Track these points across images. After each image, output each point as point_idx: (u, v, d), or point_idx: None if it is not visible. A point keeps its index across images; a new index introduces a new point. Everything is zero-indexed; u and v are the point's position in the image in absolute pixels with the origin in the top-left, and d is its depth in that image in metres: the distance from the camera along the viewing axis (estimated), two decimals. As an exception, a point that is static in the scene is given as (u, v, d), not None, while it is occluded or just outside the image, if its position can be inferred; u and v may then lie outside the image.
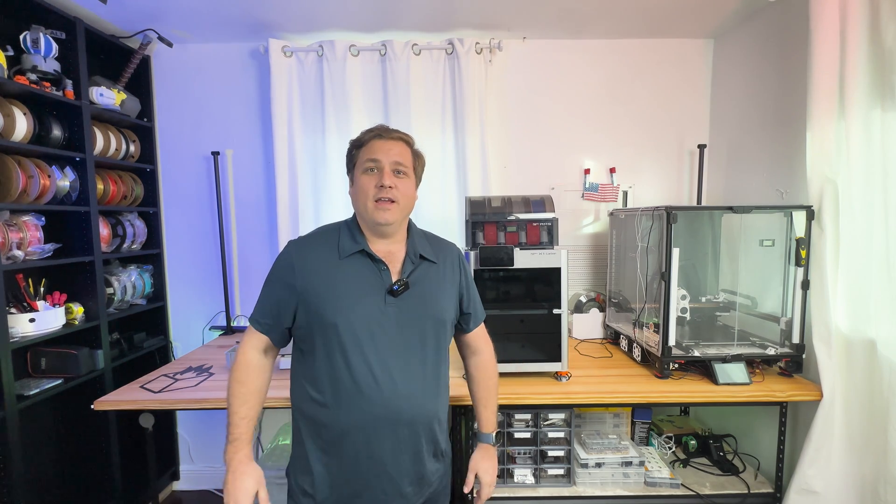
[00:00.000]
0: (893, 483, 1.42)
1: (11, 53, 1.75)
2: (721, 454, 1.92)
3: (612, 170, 2.43)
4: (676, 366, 1.74)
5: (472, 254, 1.68)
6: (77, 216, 1.96)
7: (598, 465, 1.78)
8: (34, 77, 1.77)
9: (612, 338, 2.21)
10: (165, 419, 2.47)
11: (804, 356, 1.70)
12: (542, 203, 1.83)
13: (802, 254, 1.67)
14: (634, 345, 1.93)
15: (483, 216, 1.81)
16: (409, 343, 1.10)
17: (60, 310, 1.86)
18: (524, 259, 1.68)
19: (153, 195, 2.40)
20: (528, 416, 1.80)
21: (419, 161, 1.19)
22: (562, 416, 1.81)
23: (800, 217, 1.68)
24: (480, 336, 1.30)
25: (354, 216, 1.18)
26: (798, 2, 1.77)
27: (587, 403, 1.79)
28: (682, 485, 1.77)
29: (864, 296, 1.52)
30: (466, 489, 1.26)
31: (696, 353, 1.72)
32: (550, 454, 1.80)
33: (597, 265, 2.48)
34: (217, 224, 2.42)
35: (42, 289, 1.85)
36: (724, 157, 2.31)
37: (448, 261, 1.22)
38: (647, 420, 2.07)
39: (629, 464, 1.79)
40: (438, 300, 1.16)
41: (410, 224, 1.22)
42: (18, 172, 1.68)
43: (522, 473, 1.80)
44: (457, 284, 1.22)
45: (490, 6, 2.03)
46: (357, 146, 1.15)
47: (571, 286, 2.36)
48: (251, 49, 2.38)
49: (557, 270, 1.69)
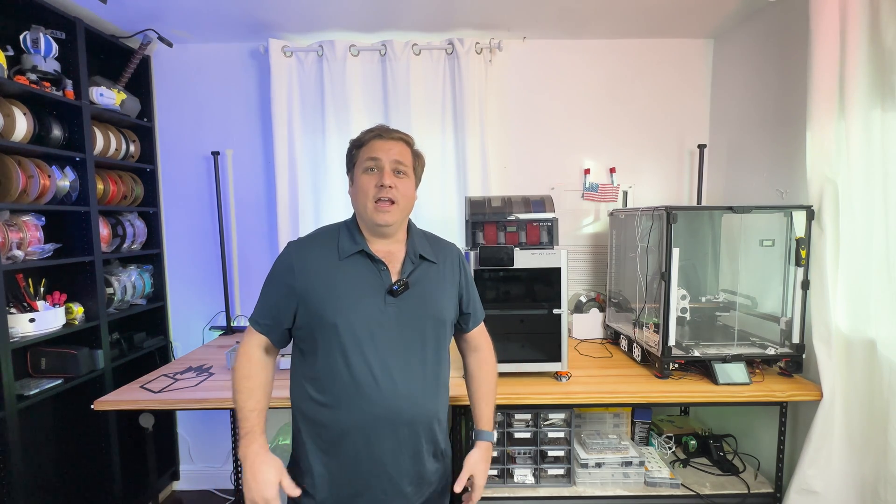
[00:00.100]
0: (893, 483, 1.42)
1: (11, 53, 1.75)
2: (721, 454, 1.92)
3: (612, 170, 2.43)
4: (676, 366, 1.74)
5: (472, 254, 1.68)
6: (77, 216, 1.96)
7: (598, 465, 1.79)
8: (34, 77, 1.77)
9: (612, 338, 2.21)
10: (165, 419, 2.47)
11: (804, 356, 1.70)
12: (542, 203, 1.83)
13: (802, 254, 1.67)
14: (634, 345, 1.93)
15: (483, 216, 1.81)
16: (409, 343, 1.10)
17: (60, 310, 1.86)
18: (524, 259, 1.68)
19: (153, 195, 2.40)
20: (528, 416, 1.80)
21: (419, 161, 1.19)
22: (562, 416, 1.81)
23: (800, 217, 1.68)
24: (480, 334, 1.31)
25: (354, 216, 1.19)
26: (798, 2, 1.77)
27: (587, 403, 1.79)
28: (682, 485, 1.77)
29: (864, 296, 1.52)
30: (458, 488, 1.20)
31: (696, 353, 1.72)
32: (550, 454, 1.80)
33: (597, 265, 2.48)
34: (217, 224, 2.42)
35: (42, 289, 1.85)
36: (724, 157, 2.31)
37: (448, 261, 1.22)
38: (647, 420, 2.07)
39: (629, 464, 1.79)
40: (438, 300, 1.16)
41: (410, 224, 1.22)
42: (18, 172, 1.68)
43: (522, 473, 1.80)
44: (456, 284, 1.22)
45: (490, 6, 2.03)
46: (357, 146, 1.16)
47: (571, 286, 2.36)
48: (251, 49, 2.38)
49: (557, 270, 1.69)
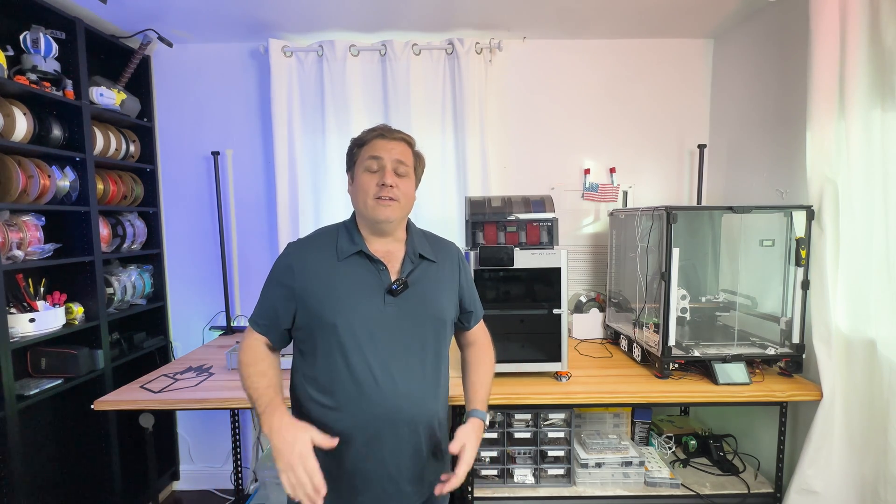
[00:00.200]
0: (893, 483, 1.42)
1: (11, 53, 1.75)
2: (721, 454, 1.92)
3: (612, 170, 2.43)
4: (676, 366, 1.74)
5: (472, 254, 1.68)
6: (77, 216, 1.96)
7: (598, 465, 1.79)
8: (34, 77, 1.77)
9: (612, 338, 2.21)
10: (165, 419, 2.47)
11: (804, 356, 1.70)
12: (542, 203, 1.83)
13: (802, 254, 1.67)
14: (634, 345, 1.93)
15: (483, 216, 1.81)
16: (409, 343, 1.10)
17: (60, 310, 1.86)
18: (524, 259, 1.68)
19: (153, 195, 2.40)
20: (528, 416, 1.80)
21: (420, 162, 1.20)
22: (562, 416, 1.81)
23: (800, 217, 1.68)
24: (479, 330, 1.32)
25: (353, 217, 1.19)
26: (798, 2, 1.77)
27: (587, 403, 1.79)
28: (682, 485, 1.77)
29: (864, 296, 1.52)
30: (454, 450, 1.09)
31: (696, 353, 1.72)
32: (550, 454, 1.80)
33: (597, 265, 2.48)
34: (217, 224, 2.42)
35: (42, 289, 1.85)
36: (724, 157, 2.31)
37: (447, 260, 1.22)
38: (647, 420, 2.07)
39: (629, 464, 1.79)
40: (438, 299, 1.16)
41: (410, 224, 1.22)
42: (18, 172, 1.68)
43: (522, 473, 1.80)
44: (456, 283, 1.22)
45: (490, 6, 2.03)
46: (359, 144, 1.16)
47: (571, 286, 2.36)
48: (251, 49, 2.38)
49: (557, 270, 1.69)
